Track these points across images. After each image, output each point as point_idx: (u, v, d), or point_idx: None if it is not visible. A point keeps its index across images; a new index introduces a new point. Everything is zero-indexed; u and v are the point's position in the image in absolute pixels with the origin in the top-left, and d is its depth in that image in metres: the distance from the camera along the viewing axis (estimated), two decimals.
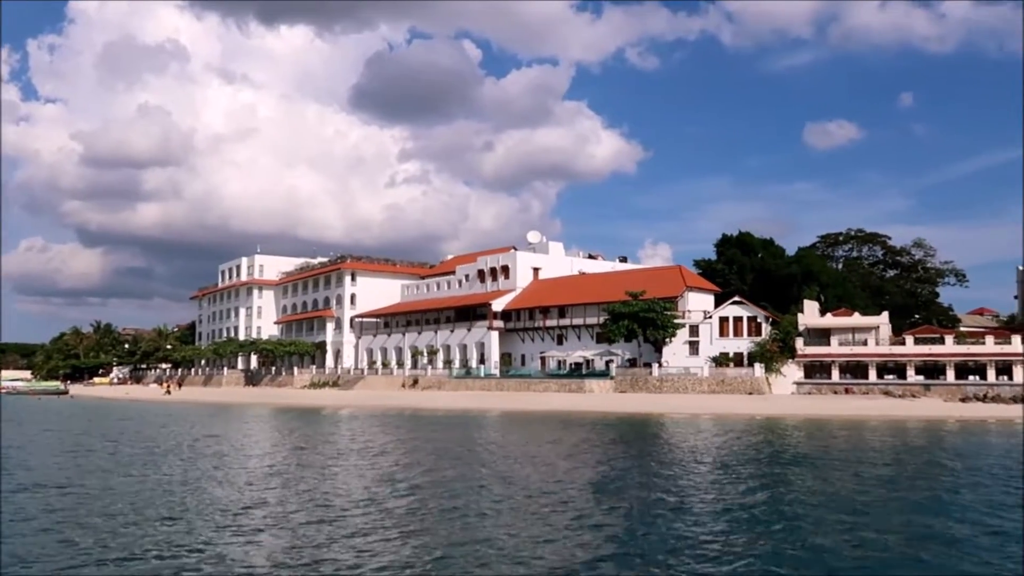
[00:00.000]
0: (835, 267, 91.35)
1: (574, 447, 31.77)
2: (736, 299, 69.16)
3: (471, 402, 61.64)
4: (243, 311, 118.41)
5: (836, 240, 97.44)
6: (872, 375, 61.15)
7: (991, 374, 57.66)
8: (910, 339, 61.65)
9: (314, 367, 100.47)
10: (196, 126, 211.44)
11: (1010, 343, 58.31)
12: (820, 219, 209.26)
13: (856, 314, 65.86)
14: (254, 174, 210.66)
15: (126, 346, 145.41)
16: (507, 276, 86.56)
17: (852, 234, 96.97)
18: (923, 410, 49.49)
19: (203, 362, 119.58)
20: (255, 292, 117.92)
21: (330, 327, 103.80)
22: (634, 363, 70.13)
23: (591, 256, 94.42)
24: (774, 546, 14.84)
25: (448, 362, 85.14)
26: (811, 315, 65.96)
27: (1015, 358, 57.28)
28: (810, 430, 39.56)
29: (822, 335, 64.47)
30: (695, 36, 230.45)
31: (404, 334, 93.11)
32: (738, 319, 67.57)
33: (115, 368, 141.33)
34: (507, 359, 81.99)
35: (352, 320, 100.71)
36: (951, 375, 58.80)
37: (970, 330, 70.56)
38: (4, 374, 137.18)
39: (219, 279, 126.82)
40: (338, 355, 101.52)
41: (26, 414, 59.57)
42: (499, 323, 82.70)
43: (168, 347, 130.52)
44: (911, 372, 60.15)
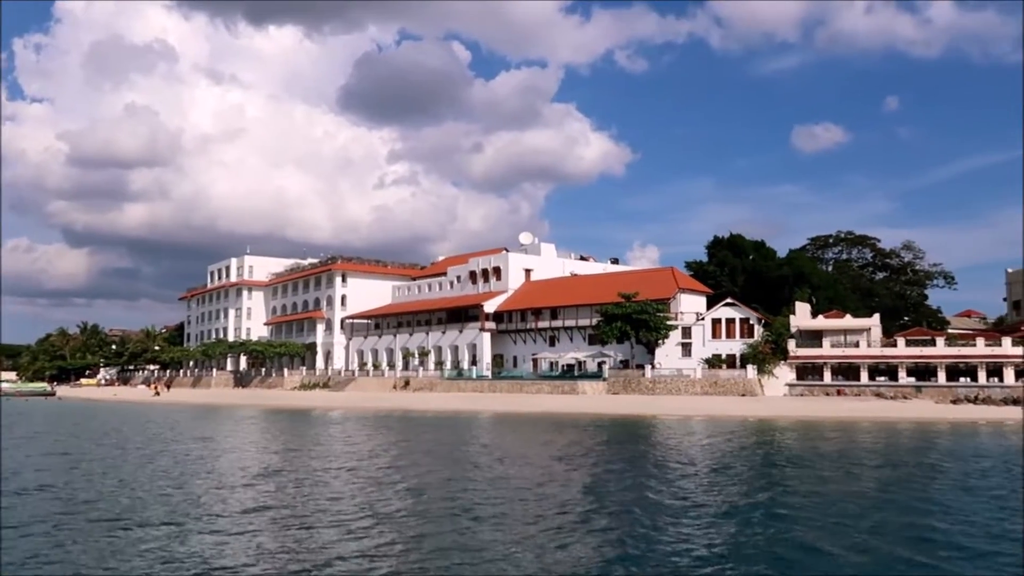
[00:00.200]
0: (825, 269, 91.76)
1: (567, 449, 31.59)
2: (728, 301, 69.25)
3: (463, 404, 61.36)
4: (232, 312, 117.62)
5: (826, 242, 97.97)
6: (864, 377, 61.33)
7: (982, 376, 57.95)
8: (901, 341, 61.90)
9: (304, 368, 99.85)
10: (184, 126, 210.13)
11: (1000, 345, 58.67)
12: (806, 221, 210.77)
13: (848, 316, 66.11)
14: (242, 175, 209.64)
15: (113, 347, 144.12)
16: (499, 277, 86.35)
17: (842, 236, 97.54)
18: (914, 412, 49.65)
19: (191, 363, 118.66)
20: (245, 293, 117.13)
21: (320, 328, 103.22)
22: (626, 365, 70.07)
23: (583, 258, 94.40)
24: (767, 547, 14.78)
25: (440, 363, 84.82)
26: (803, 317, 66.13)
27: (1006, 360, 57.64)
28: (802, 432, 39.63)
29: (814, 337, 64.65)
30: (683, 39, 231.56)
31: (395, 335, 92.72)
32: (730, 321, 67.66)
33: (102, 369, 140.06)
34: (499, 360, 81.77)
35: (343, 321, 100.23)
36: (942, 377, 59.04)
37: (960, 332, 71.00)
38: None
39: (208, 280, 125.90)
40: (328, 356, 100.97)
41: (16, 416, 58.71)
42: (491, 324, 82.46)
43: (156, 348, 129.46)
44: (902, 374, 60.38)
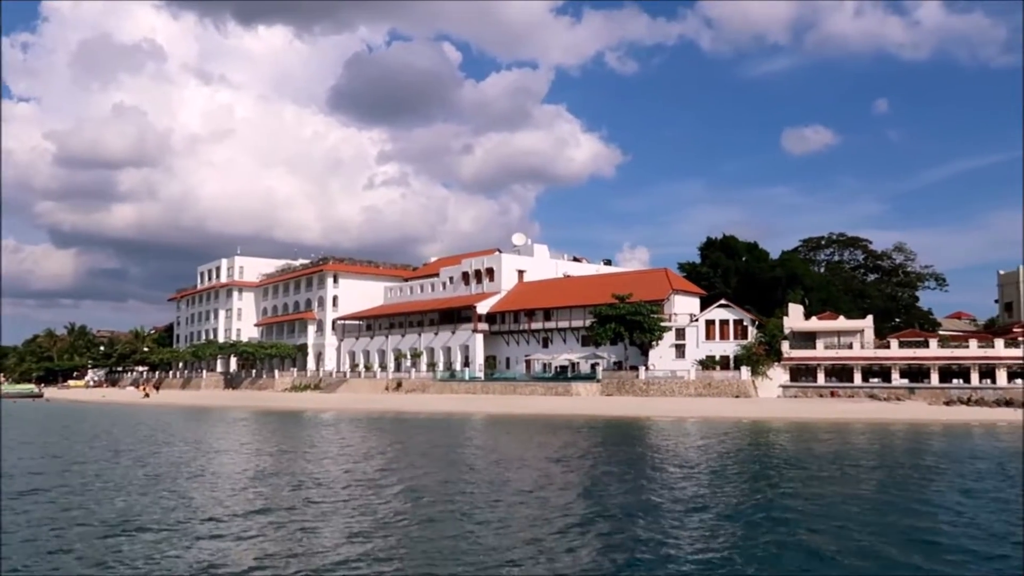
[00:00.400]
0: (818, 271, 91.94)
1: (562, 451, 31.31)
2: (722, 302, 69.22)
3: (456, 405, 61.00)
4: (223, 313, 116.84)
5: (818, 244, 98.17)
6: (857, 378, 61.41)
7: (975, 378, 58.13)
8: (895, 343, 62.03)
9: (295, 370, 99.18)
10: (172, 126, 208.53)
11: (993, 347, 58.84)
12: (796, 223, 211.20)
13: (841, 317, 66.18)
14: (231, 175, 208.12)
15: (101, 348, 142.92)
16: (492, 278, 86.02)
17: (834, 238, 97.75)
18: (908, 413, 49.67)
19: (181, 365, 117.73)
20: (235, 294, 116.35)
21: (312, 329, 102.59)
22: (620, 366, 69.90)
23: (576, 259, 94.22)
24: (768, 550, 14.66)
25: (432, 365, 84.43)
26: (796, 318, 66.18)
27: (998, 362, 57.81)
28: (797, 433, 39.58)
29: (807, 338, 64.68)
30: (674, 41, 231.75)
31: (387, 336, 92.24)
32: (724, 322, 67.59)
33: (90, 371, 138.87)
34: (491, 362, 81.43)
35: (334, 322, 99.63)
36: (935, 378, 59.18)
37: (952, 334, 71.21)
38: None
39: (198, 281, 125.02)
40: (320, 358, 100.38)
41: (3, 418, 57.87)
42: (484, 326, 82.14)
43: (145, 349, 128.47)
44: (896, 375, 60.49)
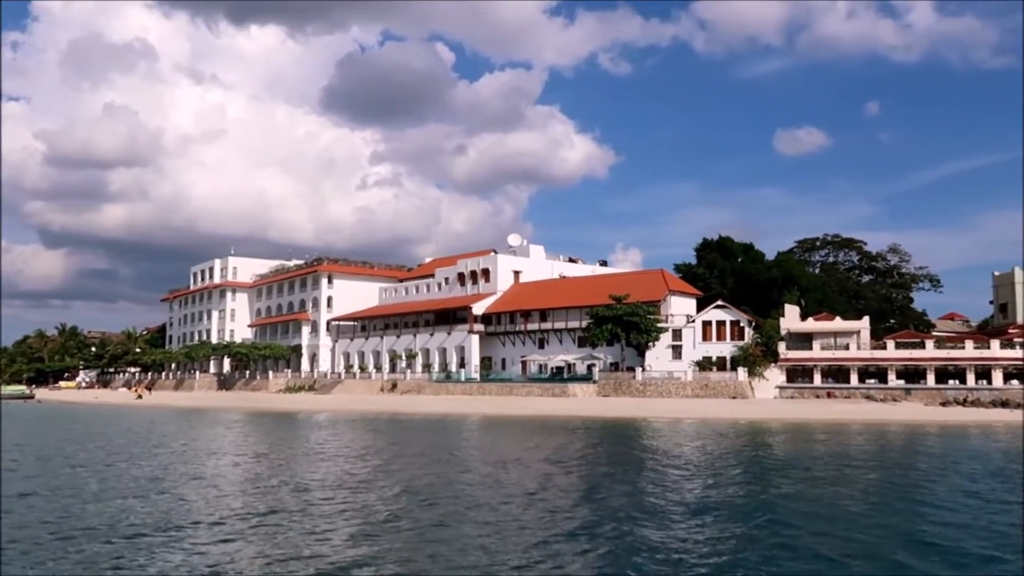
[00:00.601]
0: (813, 272, 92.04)
1: (559, 452, 31.10)
2: (719, 303, 69.16)
3: (452, 407, 60.74)
4: (216, 314, 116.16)
5: (813, 245, 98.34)
6: (854, 379, 61.43)
7: (971, 378, 58.24)
8: (891, 344, 62.09)
9: (289, 371, 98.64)
10: (164, 126, 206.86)
11: (989, 348, 58.94)
12: (787, 225, 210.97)
13: (837, 319, 66.21)
14: (223, 176, 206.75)
15: (93, 349, 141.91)
16: (487, 279, 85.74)
17: (829, 239, 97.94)
18: (904, 414, 49.73)
19: (174, 366, 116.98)
20: (228, 294, 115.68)
21: (306, 330, 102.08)
22: (616, 367, 69.72)
23: (572, 260, 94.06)
24: (771, 553, 14.57)
25: (427, 366, 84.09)
26: (792, 319, 66.15)
27: (994, 363, 57.91)
28: (794, 434, 39.58)
29: (804, 339, 64.68)
30: (667, 42, 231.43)
31: (382, 337, 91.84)
32: (721, 323, 67.50)
33: (81, 372, 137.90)
34: (487, 363, 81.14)
35: (329, 323, 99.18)
36: (931, 379, 59.27)
37: (947, 335, 71.38)
38: None
39: (191, 281, 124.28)
40: (314, 359, 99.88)
41: None
42: (479, 326, 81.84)
43: (137, 350, 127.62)
44: (892, 376, 60.53)
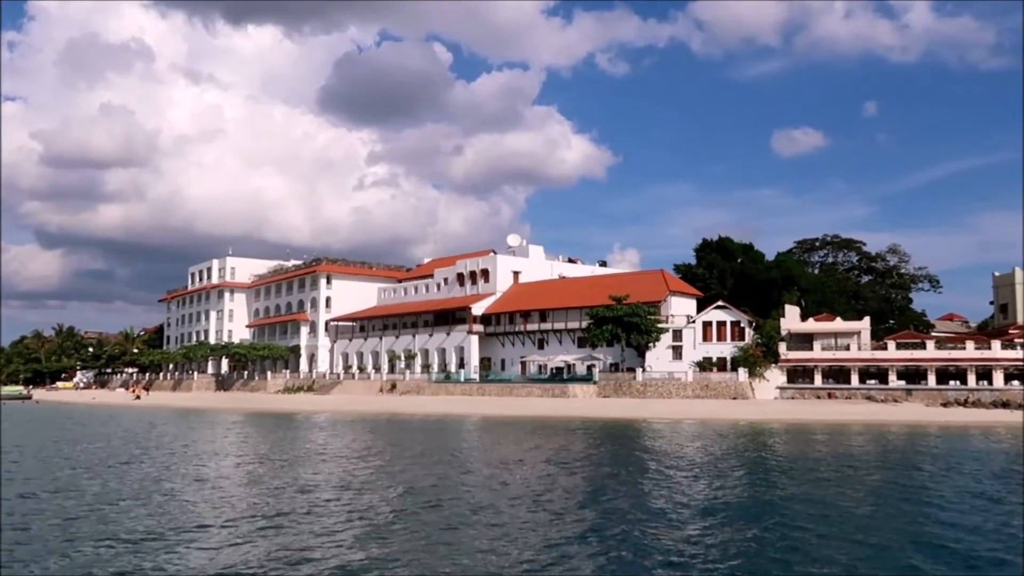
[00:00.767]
0: (812, 272, 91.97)
1: (560, 453, 30.91)
2: (720, 304, 69.03)
3: (452, 407, 60.54)
4: (214, 314, 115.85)
5: (812, 245, 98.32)
6: (854, 380, 61.34)
7: (971, 379, 58.13)
8: (892, 344, 61.99)
9: (288, 371, 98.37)
10: (161, 126, 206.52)
11: (990, 348, 58.84)
12: (784, 225, 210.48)
13: (838, 319, 66.09)
14: (219, 176, 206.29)
15: (90, 350, 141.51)
16: (487, 279, 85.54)
17: (828, 240, 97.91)
18: (905, 415, 49.61)
19: (171, 366, 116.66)
20: (227, 295, 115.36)
21: (304, 331, 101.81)
22: (616, 368, 69.56)
23: (571, 260, 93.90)
24: (770, 553, 14.50)
25: (426, 366, 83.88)
26: (793, 320, 66.04)
27: (995, 363, 57.81)
28: (795, 435, 39.44)
29: (804, 340, 64.55)
30: (665, 43, 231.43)
31: (381, 338, 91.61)
32: (721, 324, 67.36)
33: (79, 372, 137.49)
34: (486, 363, 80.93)
35: (327, 324, 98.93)
36: (932, 380, 59.18)
37: (947, 335, 71.30)
38: None
39: (189, 281, 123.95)
40: (313, 359, 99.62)
41: None
42: (479, 327, 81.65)
43: (135, 351, 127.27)
44: (893, 377, 60.43)
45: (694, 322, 68.68)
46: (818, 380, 62.52)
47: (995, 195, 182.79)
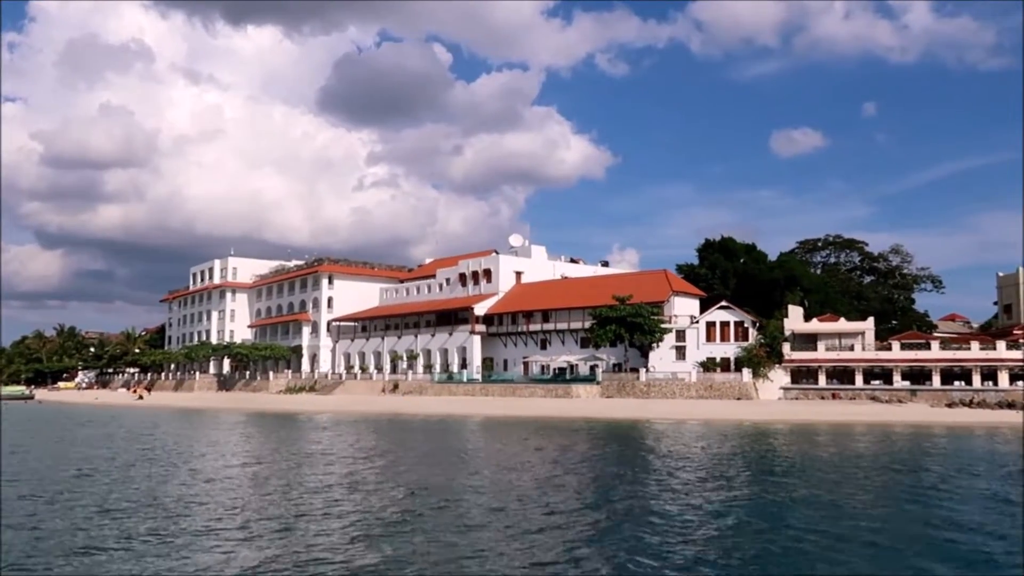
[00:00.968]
0: (814, 272, 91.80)
1: (564, 454, 30.76)
2: (723, 304, 68.84)
3: (455, 408, 60.42)
4: (216, 314, 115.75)
5: (814, 246, 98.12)
6: (859, 380, 61.14)
7: (976, 380, 57.93)
8: (896, 345, 61.78)
9: (289, 372, 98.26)
10: (160, 127, 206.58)
11: (995, 349, 58.64)
12: (783, 225, 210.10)
13: (842, 319, 65.91)
14: (219, 176, 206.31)
15: (92, 350, 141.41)
16: (489, 280, 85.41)
17: (830, 240, 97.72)
18: (910, 415, 49.44)
19: (173, 366, 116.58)
20: (228, 295, 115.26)
21: (306, 331, 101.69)
22: (619, 368, 69.42)
23: (573, 260, 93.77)
24: (772, 555, 14.41)
25: (429, 367, 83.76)
26: (796, 320, 65.89)
27: (1000, 364, 57.62)
28: (800, 435, 39.28)
29: (808, 340, 64.38)
30: (664, 43, 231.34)
31: (383, 338, 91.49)
32: (725, 324, 67.19)
33: (80, 372, 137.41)
34: (489, 364, 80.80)
35: (329, 324, 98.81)
36: (937, 381, 58.96)
37: (952, 336, 71.10)
38: None
39: (191, 282, 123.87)
40: (314, 359, 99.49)
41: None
42: (481, 327, 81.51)
43: (136, 351, 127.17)
44: (897, 377, 60.23)
45: (697, 322, 68.52)
46: (822, 381, 62.33)
47: (995, 195, 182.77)
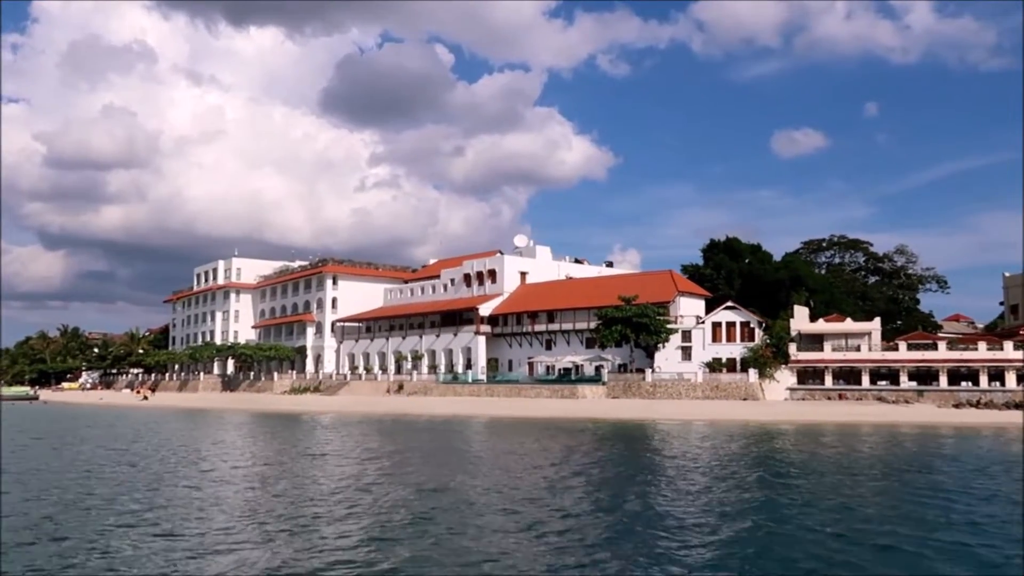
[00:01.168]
0: (819, 273, 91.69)
1: (570, 455, 30.57)
2: (729, 304, 68.67)
3: (460, 408, 60.30)
4: (220, 315, 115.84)
5: (819, 246, 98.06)
6: (865, 381, 60.92)
7: (983, 380, 57.71)
8: (903, 345, 61.56)
9: (294, 372, 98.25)
10: (162, 128, 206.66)
11: (1002, 349, 58.40)
12: (784, 226, 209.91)
13: (848, 320, 65.72)
14: (220, 177, 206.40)
15: (95, 351, 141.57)
16: (494, 280, 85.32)
17: (835, 240, 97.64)
18: (917, 416, 49.27)
19: (177, 367, 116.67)
20: (232, 295, 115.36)
21: (310, 331, 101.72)
22: (625, 368, 69.29)
23: (577, 260, 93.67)
24: (781, 555, 14.31)
25: (433, 367, 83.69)
26: (802, 320, 65.71)
27: (1007, 364, 57.36)
28: (807, 436, 39.08)
29: (815, 340, 64.18)
30: (665, 44, 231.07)
31: (387, 339, 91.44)
32: (731, 324, 67.01)
33: (84, 373, 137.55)
34: (493, 364, 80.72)
35: (333, 324, 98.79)
36: (944, 381, 58.72)
37: (958, 336, 70.85)
38: None
39: (195, 282, 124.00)
40: (319, 360, 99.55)
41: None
42: (486, 327, 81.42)
43: (140, 351, 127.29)
44: (904, 378, 60.01)
45: (703, 323, 68.37)
46: (829, 381, 62.12)
47: (995, 195, 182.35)
